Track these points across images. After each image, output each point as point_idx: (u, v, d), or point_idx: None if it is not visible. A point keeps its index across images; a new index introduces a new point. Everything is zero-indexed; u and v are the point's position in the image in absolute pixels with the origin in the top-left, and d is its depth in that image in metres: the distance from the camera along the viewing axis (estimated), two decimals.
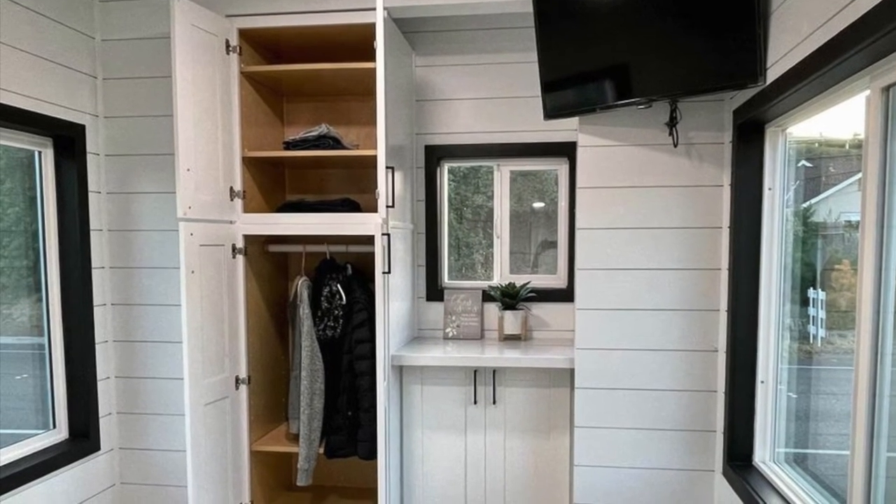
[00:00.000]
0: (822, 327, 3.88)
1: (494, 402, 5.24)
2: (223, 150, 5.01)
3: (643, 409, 4.83)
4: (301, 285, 5.36)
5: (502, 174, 5.99)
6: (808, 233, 4.01)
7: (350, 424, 5.33)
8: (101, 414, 5.60)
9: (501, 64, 5.71)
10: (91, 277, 5.47)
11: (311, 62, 5.36)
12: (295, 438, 5.51)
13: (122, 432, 5.78)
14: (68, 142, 5.27)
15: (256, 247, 5.51)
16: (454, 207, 6.09)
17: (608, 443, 4.88)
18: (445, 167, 6.03)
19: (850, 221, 3.58)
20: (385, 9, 4.95)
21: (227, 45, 5.04)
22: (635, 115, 4.70)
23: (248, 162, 5.29)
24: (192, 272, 4.73)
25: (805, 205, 4.04)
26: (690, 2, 4.01)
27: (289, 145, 5.30)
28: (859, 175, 3.11)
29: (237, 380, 5.23)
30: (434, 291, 5.99)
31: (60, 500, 5.20)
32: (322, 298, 5.45)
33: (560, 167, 5.87)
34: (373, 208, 5.19)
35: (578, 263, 4.87)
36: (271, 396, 5.76)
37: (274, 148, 5.68)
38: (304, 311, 5.28)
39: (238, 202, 5.18)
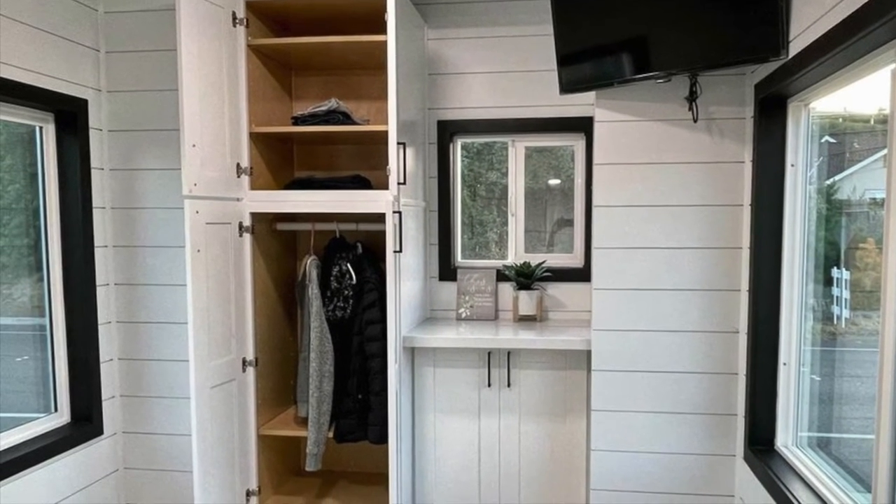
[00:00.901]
0: (846, 308, 3.88)
1: (509, 385, 5.29)
2: (230, 125, 5.03)
3: (662, 392, 4.87)
4: (310, 265, 5.41)
5: (517, 150, 6.02)
6: (832, 210, 4.02)
7: (360, 408, 5.39)
8: (104, 397, 5.66)
9: (516, 37, 5.74)
10: (93, 256, 5.53)
11: (320, 35, 5.42)
12: (303, 422, 5.57)
13: (125, 416, 5.84)
14: (70, 117, 5.32)
15: (264, 225, 5.55)
16: (467, 184, 6.13)
17: (626, 427, 4.92)
18: (458, 143, 6.08)
19: (874, 199, 3.59)
20: None
21: (234, 18, 5.05)
22: (654, 89, 4.72)
23: (255, 138, 5.33)
24: (198, 251, 4.73)
25: (828, 182, 4.05)
26: None
27: (297, 120, 5.33)
28: (884, 151, 3.12)
29: (244, 362, 5.27)
30: (447, 271, 6.04)
31: (62, 486, 5.25)
32: (332, 278, 5.50)
33: (576, 143, 5.91)
34: (384, 185, 5.20)
35: (595, 242, 4.89)
36: (279, 379, 5.81)
37: (282, 123, 5.71)
38: (314, 291, 5.33)
39: (245, 179, 5.21)
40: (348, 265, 5.47)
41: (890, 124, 3.00)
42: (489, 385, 5.31)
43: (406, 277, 5.30)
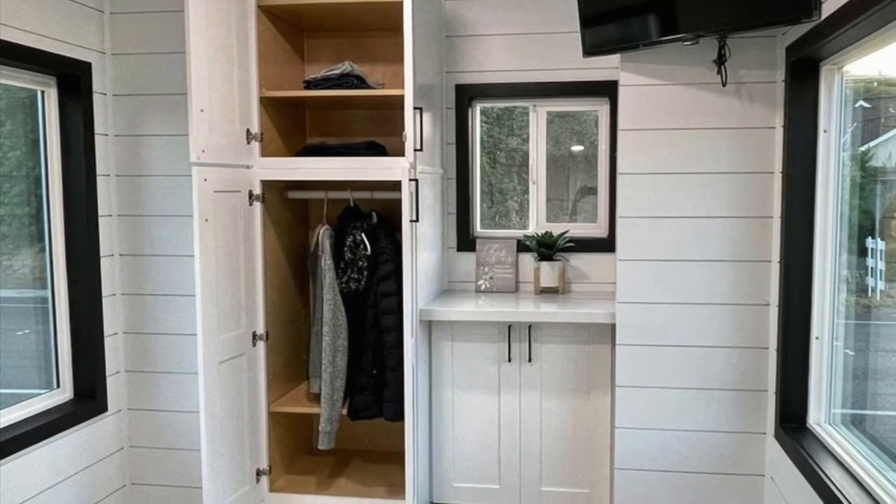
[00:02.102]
0: (881, 279, 3.89)
1: (530, 360, 5.34)
2: (239, 89, 5.05)
3: (689, 368, 4.91)
4: (323, 235, 5.45)
5: (538, 115, 6.07)
6: (867, 178, 4.03)
7: (375, 384, 5.43)
8: (108, 372, 5.69)
9: None
10: (97, 226, 5.54)
11: None
12: (316, 398, 5.62)
13: (130, 392, 5.86)
14: (73, 81, 5.33)
15: (275, 193, 5.60)
16: (487, 151, 6.16)
17: (652, 403, 4.98)
18: (478, 108, 6.12)
19: None
20: None
21: None
22: (681, 52, 4.74)
23: (266, 102, 5.37)
24: (206, 220, 4.74)
25: (863, 148, 4.06)
26: None
27: (309, 84, 5.36)
28: None
29: (254, 336, 5.32)
30: (465, 241, 6.09)
31: (65, 465, 5.28)
32: (345, 249, 5.55)
33: (600, 108, 5.95)
34: (400, 152, 5.15)
35: (620, 211, 4.93)
36: (291, 354, 5.88)
37: (294, 87, 5.73)
38: (326, 262, 5.37)
39: (255, 145, 5.25)
40: (363, 235, 5.51)
41: None
42: (509, 360, 5.36)
43: (423, 248, 5.34)
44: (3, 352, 5.10)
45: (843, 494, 3.55)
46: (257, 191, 5.29)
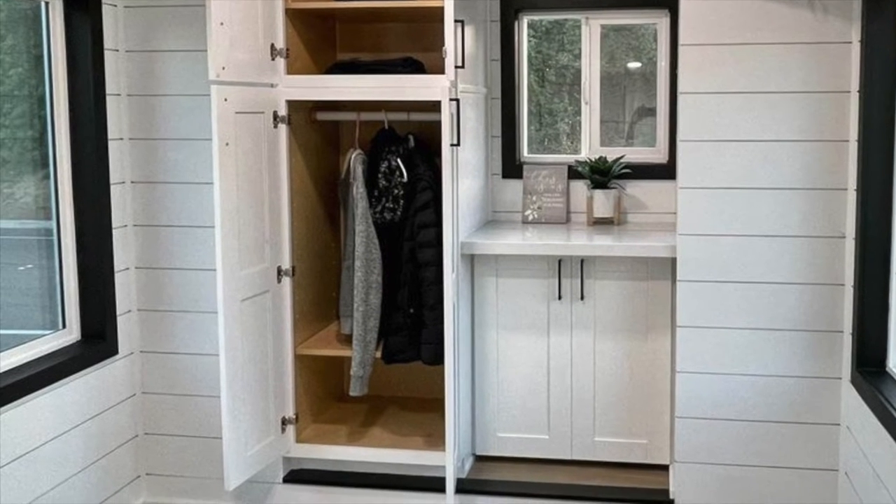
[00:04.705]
0: None
1: (582, 298, 5.45)
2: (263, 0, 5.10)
3: (757, 306, 4.98)
4: (354, 160, 5.56)
5: (591, 29, 6.13)
6: None
7: (412, 324, 5.50)
8: (118, 311, 5.66)
9: None
10: (107, 150, 5.50)
11: None
12: (347, 340, 5.67)
13: (143, 333, 5.87)
14: None
15: (302, 114, 5.65)
16: (535, 68, 6.22)
17: (716, 345, 5.05)
18: (525, 21, 6.18)
19: None
20: None
21: None
22: None
23: (292, 14, 5.42)
24: (227, 144, 4.79)
25: None
26: None
27: None
28: None
29: (279, 271, 5.42)
30: (511, 167, 6.18)
31: (72, 413, 5.27)
32: (379, 175, 5.63)
33: (660, 21, 6.03)
34: (439, 69, 5.13)
35: (681, 134, 5.02)
36: (319, 291, 6.00)
37: None
38: (359, 190, 5.48)
39: (280, 62, 5.30)
40: (398, 160, 5.59)
41: None
42: (559, 298, 5.46)
43: (464, 175, 5.45)
44: (4, 289, 5.15)
45: None
46: (283, 112, 5.34)
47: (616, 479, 5.51)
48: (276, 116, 5.32)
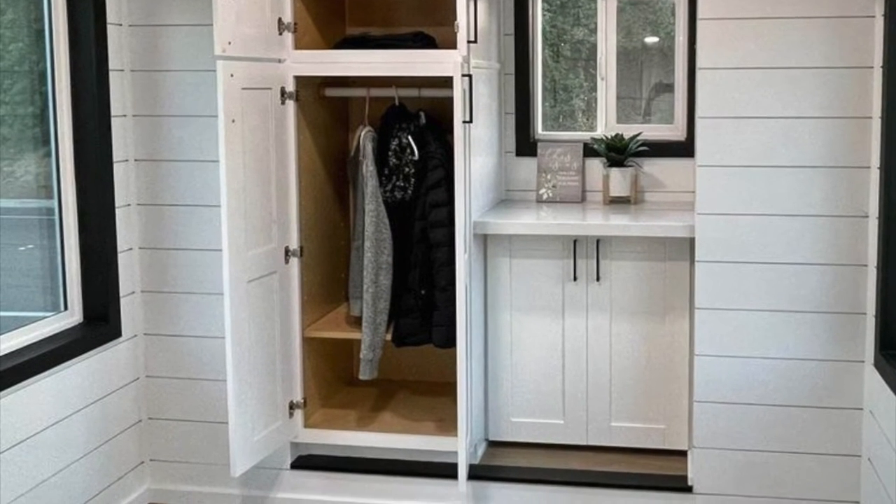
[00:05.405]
0: None
1: (598, 279, 5.47)
2: None
3: (778, 287, 4.99)
4: (364, 137, 5.57)
5: (608, 3, 6.13)
6: None
7: (423, 305, 5.52)
8: (122, 293, 5.66)
9: None
10: (110, 128, 5.49)
11: None
12: (357, 322, 5.70)
13: (147, 315, 5.86)
14: None
15: (310, 90, 5.65)
16: (549, 43, 6.23)
17: (735, 328, 5.06)
18: None
19: None
20: None
21: None
22: None
23: None
24: (233, 121, 4.79)
25: None
26: None
27: None
28: None
29: (287, 251, 5.43)
30: (525, 145, 6.19)
31: (73, 397, 5.26)
32: (389, 153, 5.64)
33: None
34: (451, 44, 5.11)
35: (700, 111, 5.01)
36: (328, 272, 6.02)
37: None
38: (368, 168, 5.50)
39: (288, 36, 5.31)
40: (409, 138, 5.59)
41: None
42: (575, 279, 5.48)
43: (477, 152, 5.46)
44: (4, 270, 5.16)
45: None
46: (290, 88, 5.34)
47: (633, 464, 5.52)
48: (283, 92, 5.32)
